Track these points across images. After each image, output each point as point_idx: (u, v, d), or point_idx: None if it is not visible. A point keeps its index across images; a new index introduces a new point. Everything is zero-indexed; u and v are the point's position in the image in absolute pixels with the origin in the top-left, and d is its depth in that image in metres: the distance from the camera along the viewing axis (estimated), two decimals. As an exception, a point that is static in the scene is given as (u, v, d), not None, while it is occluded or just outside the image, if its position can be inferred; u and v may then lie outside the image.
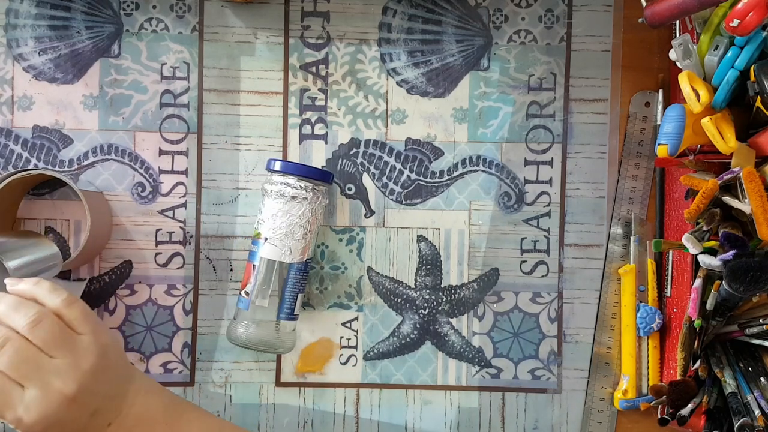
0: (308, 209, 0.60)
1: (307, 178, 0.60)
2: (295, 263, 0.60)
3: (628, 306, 0.63)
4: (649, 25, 0.52)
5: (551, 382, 0.65)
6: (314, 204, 0.60)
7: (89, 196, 0.59)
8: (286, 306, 0.61)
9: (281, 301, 0.60)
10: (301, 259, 0.60)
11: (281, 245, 0.60)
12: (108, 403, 0.50)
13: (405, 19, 0.64)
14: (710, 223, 0.52)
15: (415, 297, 0.65)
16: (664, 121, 0.53)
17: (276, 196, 0.60)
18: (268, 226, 0.60)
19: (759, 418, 0.52)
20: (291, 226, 0.60)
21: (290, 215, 0.59)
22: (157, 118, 0.64)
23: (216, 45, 0.64)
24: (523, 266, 0.65)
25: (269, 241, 0.60)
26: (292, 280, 0.60)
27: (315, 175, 0.60)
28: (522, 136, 0.65)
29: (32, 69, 0.64)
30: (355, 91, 0.65)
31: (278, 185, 0.60)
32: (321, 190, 0.61)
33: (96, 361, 0.49)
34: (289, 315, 0.61)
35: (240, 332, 0.60)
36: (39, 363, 0.48)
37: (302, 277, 0.61)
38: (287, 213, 0.59)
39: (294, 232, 0.60)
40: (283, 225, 0.60)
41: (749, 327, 0.56)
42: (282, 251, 0.60)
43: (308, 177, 0.60)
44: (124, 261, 0.64)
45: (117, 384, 0.51)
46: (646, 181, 0.64)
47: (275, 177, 0.60)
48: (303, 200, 0.59)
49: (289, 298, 0.61)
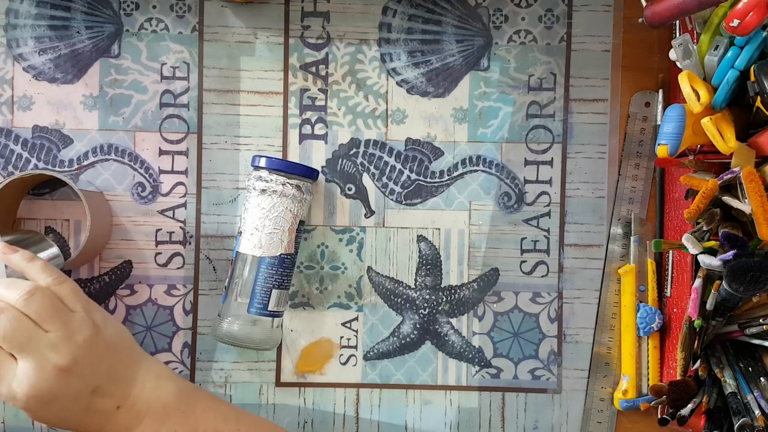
0: (279, 202, 0.60)
1: (278, 171, 0.60)
2: (266, 257, 0.60)
3: (628, 306, 0.63)
4: (649, 25, 0.52)
5: (551, 382, 0.65)
6: (286, 198, 0.60)
7: (89, 196, 0.60)
8: (256, 301, 0.60)
9: (251, 295, 0.60)
10: (273, 253, 0.60)
11: (251, 239, 0.60)
12: (113, 385, 0.50)
13: (405, 19, 0.64)
14: (710, 223, 0.52)
15: (415, 297, 0.65)
16: (664, 121, 0.53)
17: (250, 190, 0.60)
18: (244, 220, 0.61)
19: (759, 418, 0.52)
20: (261, 220, 0.60)
21: (261, 208, 0.60)
22: (157, 118, 0.64)
23: (216, 45, 0.64)
24: (523, 266, 0.65)
25: (243, 235, 0.60)
26: (262, 275, 0.60)
27: (287, 168, 0.60)
28: (522, 136, 0.65)
29: (32, 69, 0.64)
30: (355, 91, 0.65)
31: (252, 179, 0.60)
32: (295, 184, 0.60)
33: (90, 333, 0.49)
34: (261, 310, 0.61)
35: (222, 328, 0.60)
36: (32, 335, 0.47)
37: (276, 273, 0.61)
38: (258, 206, 0.60)
39: (264, 226, 0.60)
40: (255, 218, 0.60)
41: (749, 327, 0.56)
42: (252, 245, 0.60)
43: (279, 170, 0.60)
44: (124, 261, 0.64)
45: (121, 364, 0.51)
46: (646, 181, 0.64)
47: (252, 172, 0.61)
48: (273, 193, 0.59)
49: (259, 293, 0.60)
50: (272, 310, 0.61)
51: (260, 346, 0.61)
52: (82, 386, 0.48)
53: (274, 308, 0.61)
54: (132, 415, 0.50)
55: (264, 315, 0.61)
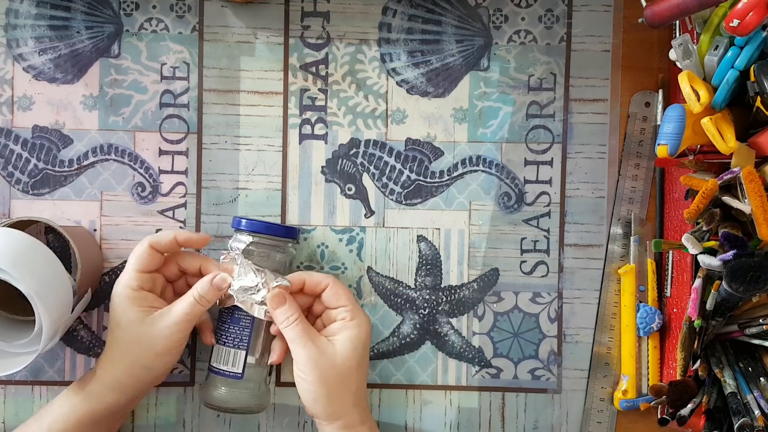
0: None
1: (238, 229, 0.60)
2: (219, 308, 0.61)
3: (628, 306, 0.63)
4: (649, 25, 0.52)
5: (551, 382, 0.65)
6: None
7: (73, 232, 0.59)
8: (212, 355, 0.60)
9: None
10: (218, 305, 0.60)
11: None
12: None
13: (405, 19, 0.64)
14: (710, 223, 0.52)
15: (415, 297, 0.65)
16: (664, 121, 0.53)
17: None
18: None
19: (759, 418, 0.52)
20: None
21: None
22: (157, 118, 0.64)
23: (216, 45, 0.64)
24: (523, 266, 0.65)
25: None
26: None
27: (238, 225, 0.60)
28: (522, 136, 0.65)
29: (32, 69, 0.64)
30: (355, 91, 0.65)
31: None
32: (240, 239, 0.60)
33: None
34: (211, 367, 0.60)
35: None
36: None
37: (220, 328, 0.60)
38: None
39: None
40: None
41: (749, 327, 0.56)
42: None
43: (238, 228, 0.60)
44: (124, 261, 0.64)
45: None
46: (646, 181, 0.64)
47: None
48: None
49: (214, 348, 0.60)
50: (218, 369, 0.60)
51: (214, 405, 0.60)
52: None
53: (222, 367, 0.60)
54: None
55: (213, 371, 0.60)
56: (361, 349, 0.58)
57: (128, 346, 0.56)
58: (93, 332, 0.64)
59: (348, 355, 0.57)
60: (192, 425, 0.65)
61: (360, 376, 0.58)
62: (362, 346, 0.58)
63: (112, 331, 0.57)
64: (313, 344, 0.56)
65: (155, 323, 0.56)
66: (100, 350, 0.64)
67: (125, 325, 0.56)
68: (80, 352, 0.64)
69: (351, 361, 0.57)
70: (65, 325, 0.57)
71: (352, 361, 0.57)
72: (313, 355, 0.56)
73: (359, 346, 0.58)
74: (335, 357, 0.56)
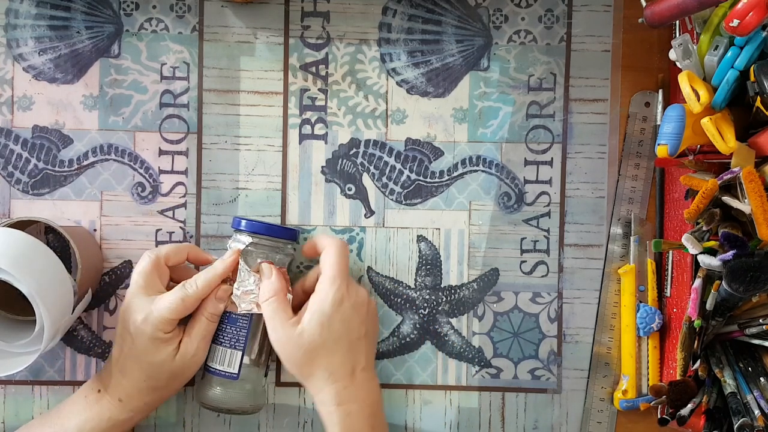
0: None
1: (238, 230, 0.60)
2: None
3: (628, 306, 0.63)
4: (649, 25, 0.52)
5: (551, 382, 0.65)
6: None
7: (73, 232, 0.59)
8: (208, 355, 0.60)
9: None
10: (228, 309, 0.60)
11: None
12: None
13: (405, 19, 0.64)
14: (710, 223, 0.52)
15: (415, 297, 0.65)
16: (664, 121, 0.53)
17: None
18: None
19: (759, 418, 0.52)
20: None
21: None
22: (157, 118, 0.64)
23: (216, 45, 0.64)
24: (523, 266, 0.65)
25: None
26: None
27: (238, 225, 0.60)
28: (522, 136, 0.65)
29: (32, 69, 0.64)
30: (355, 91, 0.65)
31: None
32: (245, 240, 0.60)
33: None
34: (207, 366, 0.60)
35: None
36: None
37: (217, 327, 0.59)
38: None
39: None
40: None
41: (749, 327, 0.56)
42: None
43: (238, 229, 0.60)
44: (124, 261, 0.64)
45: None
46: (646, 181, 0.64)
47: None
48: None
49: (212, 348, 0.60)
50: (217, 369, 0.60)
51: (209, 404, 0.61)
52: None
53: (222, 368, 0.60)
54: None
55: (208, 371, 0.60)
56: (327, 324, 0.56)
57: (158, 381, 0.58)
58: (93, 332, 0.64)
59: (313, 332, 0.56)
60: (192, 425, 0.65)
61: (333, 349, 0.57)
62: (328, 321, 0.56)
63: (138, 361, 0.57)
64: (281, 326, 0.57)
65: (184, 357, 0.58)
66: (101, 350, 0.64)
67: (159, 363, 0.57)
68: (80, 352, 0.64)
69: (316, 339, 0.56)
70: (66, 326, 0.57)
71: (317, 339, 0.56)
72: (280, 337, 0.57)
73: (325, 322, 0.56)
74: (302, 337, 0.56)
